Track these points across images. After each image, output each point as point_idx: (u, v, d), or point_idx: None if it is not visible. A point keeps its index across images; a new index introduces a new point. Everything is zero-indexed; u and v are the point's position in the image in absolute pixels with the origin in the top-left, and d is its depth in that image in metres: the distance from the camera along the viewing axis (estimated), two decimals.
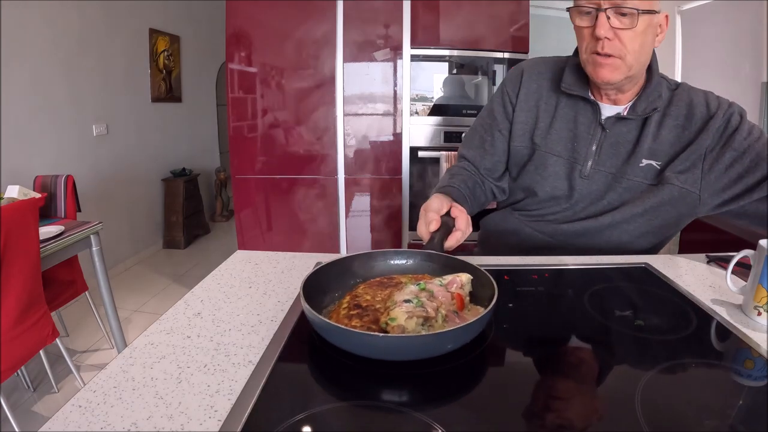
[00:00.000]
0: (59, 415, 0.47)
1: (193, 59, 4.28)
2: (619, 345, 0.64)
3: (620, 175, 0.91)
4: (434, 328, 0.58)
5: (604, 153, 0.92)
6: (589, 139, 0.92)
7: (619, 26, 0.79)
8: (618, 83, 0.85)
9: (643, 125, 0.90)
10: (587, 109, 0.93)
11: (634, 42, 0.80)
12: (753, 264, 0.70)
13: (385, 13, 2.22)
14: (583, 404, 0.50)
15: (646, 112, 0.88)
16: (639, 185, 0.90)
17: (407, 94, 2.28)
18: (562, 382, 0.54)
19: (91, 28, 3.06)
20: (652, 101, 0.88)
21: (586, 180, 0.93)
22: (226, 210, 4.79)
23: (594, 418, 0.48)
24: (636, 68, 0.84)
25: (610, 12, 0.78)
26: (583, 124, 0.93)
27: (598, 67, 0.83)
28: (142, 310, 2.85)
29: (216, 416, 0.47)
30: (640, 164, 0.90)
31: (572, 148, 0.93)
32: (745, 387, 0.53)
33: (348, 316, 0.61)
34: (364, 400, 0.51)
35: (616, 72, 0.83)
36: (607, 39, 0.80)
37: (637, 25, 0.78)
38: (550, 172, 0.95)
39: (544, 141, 0.95)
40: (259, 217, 2.47)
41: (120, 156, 3.43)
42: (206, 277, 0.83)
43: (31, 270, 1.63)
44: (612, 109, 0.91)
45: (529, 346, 0.64)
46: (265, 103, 2.35)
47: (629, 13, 0.78)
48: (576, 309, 0.74)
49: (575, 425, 0.46)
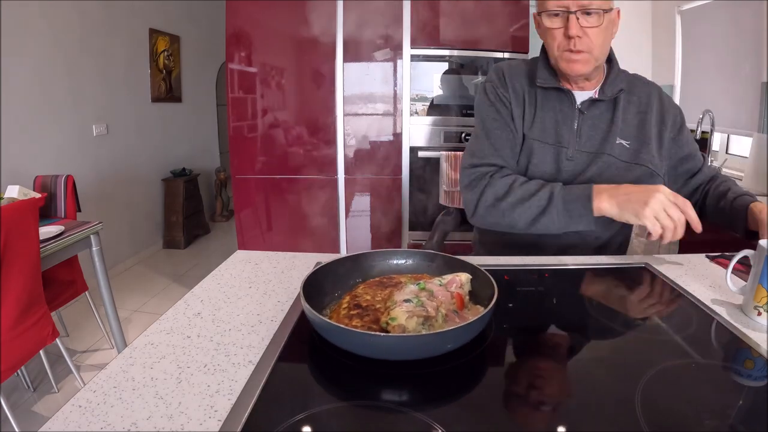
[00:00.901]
0: (59, 415, 0.47)
1: (193, 59, 4.27)
2: (619, 345, 0.64)
3: (600, 152, 1.00)
4: (434, 328, 0.58)
5: (584, 134, 1.01)
6: (570, 123, 1.02)
7: (587, 25, 0.90)
8: (588, 74, 0.97)
9: (614, 107, 1.01)
10: (563, 97, 1.02)
11: (599, 37, 0.92)
12: (753, 264, 0.70)
13: (385, 13, 2.22)
14: (583, 404, 0.50)
15: (614, 93, 1.00)
16: (615, 162, 0.99)
17: (407, 94, 2.28)
18: (562, 381, 0.54)
19: (91, 28, 3.06)
20: (617, 84, 1.00)
21: (571, 162, 1.01)
22: (226, 210, 4.79)
23: (593, 416, 0.48)
24: (601, 59, 0.97)
25: (579, 13, 0.89)
26: (563, 111, 1.02)
27: (572, 62, 0.94)
28: (142, 310, 2.85)
29: (216, 416, 0.47)
30: (615, 142, 1.00)
31: (556, 134, 1.02)
32: (745, 387, 0.53)
33: (348, 316, 0.61)
34: (364, 400, 0.51)
35: (587, 65, 0.94)
36: (578, 37, 0.91)
37: (602, 22, 0.90)
38: (539, 159, 1.02)
39: (531, 131, 1.04)
40: (259, 217, 2.47)
41: (120, 156, 3.43)
42: (206, 277, 0.83)
43: (31, 270, 1.63)
44: (584, 94, 1.02)
45: (529, 346, 0.64)
46: (265, 103, 2.35)
47: (595, 13, 0.89)
48: (576, 309, 0.74)
49: (575, 424, 0.46)
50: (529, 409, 0.49)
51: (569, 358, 0.60)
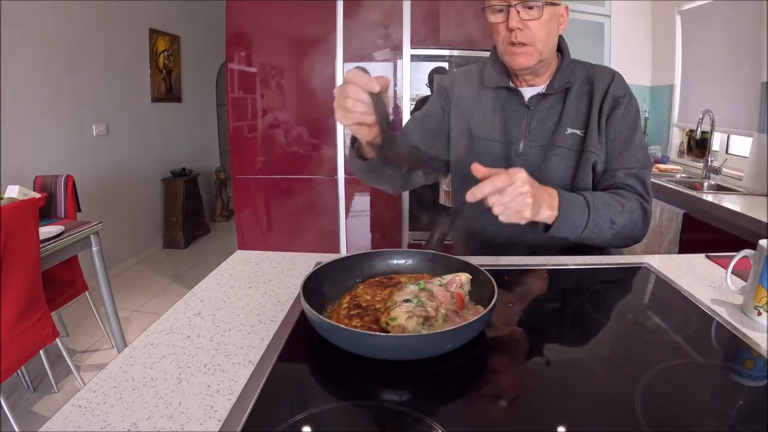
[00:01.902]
0: (59, 415, 0.47)
1: (193, 59, 4.28)
2: (619, 345, 0.64)
3: (551, 145, 1.01)
4: (434, 328, 0.58)
5: (533, 129, 1.02)
6: (518, 119, 1.03)
7: (527, 18, 0.92)
8: (533, 67, 0.98)
9: (565, 99, 1.02)
10: (512, 96, 1.04)
11: (542, 30, 0.93)
12: (753, 264, 0.70)
13: (385, 13, 2.22)
14: (583, 404, 0.50)
15: (562, 87, 1.01)
16: (568, 153, 1.00)
17: (407, 94, 2.28)
18: (561, 381, 0.54)
19: (91, 28, 3.06)
20: (566, 78, 1.01)
21: (522, 157, 1.02)
22: (226, 210, 4.79)
23: (593, 416, 0.48)
24: (546, 53, 0.97)
25: (519, 7, 0.91)
26: (511, 109, 1.04)
27: (515, 55, 0.96)
28: (142, 310, 2.85)
29: (216, 416, 0.47)
30: (565, 132, 1.00)
31: (505, 131, 1.04)
32: (745, 387, 0.53)
33: (348, 316, 0.61)
34: (364, 400, 0.51)
35: (530, 58, 0.95)
36: (519, 29, 0.92)
37: (543, 15, 0.92)
38: (491, 157, 1.04)
39: (480, 130, 1.06)
40: (259, 217, 2.47)
41: (120, 156, 3.43)
42: (206, 277, 0.83)
43: (31, 270, 1.63)
44: (533, 90, 1.03)
45: (529, 347, 0.64)
46: (265, 103, 2.35)
47: (535, 6, 0.91)
48: (576, 309, 0.74)
49: (575, 424, 0.46)
50: (529, 409, 0.49)
51: (569, 358, 0.60)
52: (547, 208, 0.85)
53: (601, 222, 0.89)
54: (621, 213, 0.92)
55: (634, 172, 0.98)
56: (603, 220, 0.89)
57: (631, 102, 1.00)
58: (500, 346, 0.62)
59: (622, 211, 0.92)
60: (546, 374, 0.56)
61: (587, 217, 0.87)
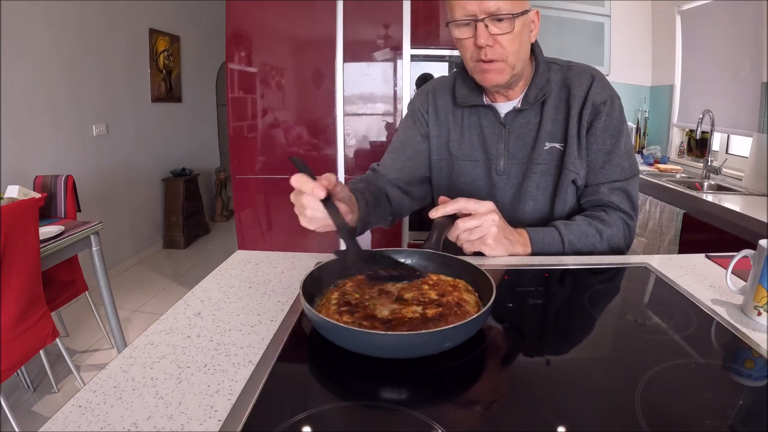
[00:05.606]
0: (59, 415, 0.47)
1: (193, 59, 4.28)
2: (619, 345, 0.64)
3: (531, 162, 0.96)
4: (434, 326, 0.58)
5: (512, 147, 0.97)
6: (496, 138, 0.98)
7: (497, 32, 0.83)
8: (506, 83, 0.91)
9: (542, 110, 0.95)
10: (487, 112, 0.99)
11: (513, 43, 0.85)
12: (753, 264, 0.70)
13: (385, 13, 2.22)
14: (583, 404, 0.50)
15: (537, 99, 0.94)
16: (547, 169, 0.95)
17: (407, 94, 2.28)
18: (561, 381, 0.54)
19: (91, 28, 3.06)
20: (542, 88, 0.94)
21: (503, 176, 0.99)
22: (226, 210, 4.79)
23: (593, 416, 0.48)
24: (519, 66, 0.89)
25: (488, 20, 0.82)
26: (488, 127, 0.99)
27: (485, 73, 0.88)
28: (142, 310, 2.85)
29: (216, 416, 0.47)
30: (544, 147, 0.95)
31: (484, 151, 1.00)
32: (745, 387, 0.53)
33: (338, 312, 0.61)
34: (364, 400, 0.51)
35: (502, 74, 0.88)
36: (489, 46, 0.84)
37: (514, 28, 0.83)
38: (472, 178, 1.01)
39: (459, 150, 1.02)
40: (259, 217, 2.47)
41: (120, 156, 3.43)
42: (206, 277, 0.83)
43: (31, 270, 1.63)
44: (508, 105, 0.97)
45: (529, 346, 0.64)
46: (265, 103, 2.35)
47: (505, 18, 0.82)
48: (576, 309, 0.74)
49: (575, 424, 0.46)
50: (529, 409, 0.49)
51: (569, 358, 0.60)
52: (520, 246, 0.86)
53: (579, 251, 0.90)
54: (599, 242, 0.91)
55: (618, 185, 0.93)
56: (580, 251, 0.90)
57: (614, 106, 0.93)
58: (500, 346, 0.62)
59: (601, 240, 0.91)
60: (546, 374, 0.56)
61: (562, 252, 0.89)
